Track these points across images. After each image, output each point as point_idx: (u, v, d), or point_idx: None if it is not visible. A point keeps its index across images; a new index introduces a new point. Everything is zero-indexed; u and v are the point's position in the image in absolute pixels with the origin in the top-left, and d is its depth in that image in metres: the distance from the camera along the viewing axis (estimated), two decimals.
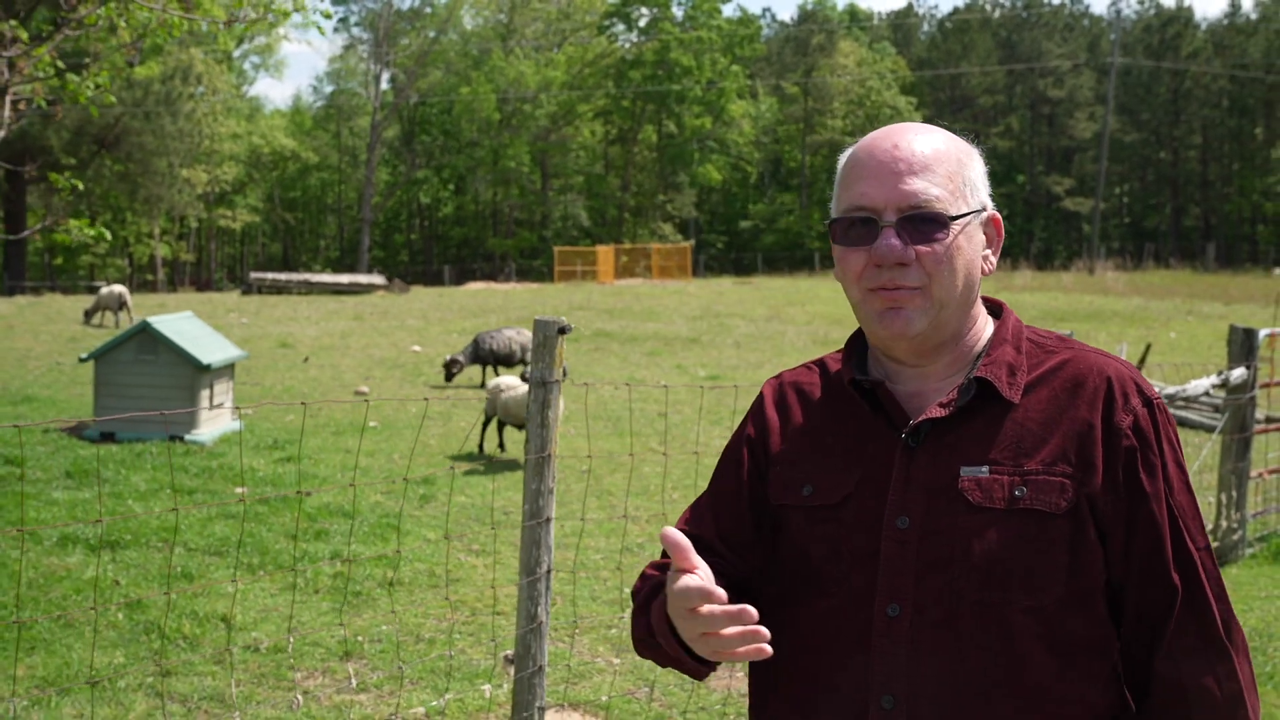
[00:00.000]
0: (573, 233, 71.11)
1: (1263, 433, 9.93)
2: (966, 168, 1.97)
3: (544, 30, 77.34)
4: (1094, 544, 1.84)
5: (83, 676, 5.87)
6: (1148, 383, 1.93)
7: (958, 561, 1.83)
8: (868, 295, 1.92)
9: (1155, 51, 77.10)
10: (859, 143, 2.00)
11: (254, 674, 6.06)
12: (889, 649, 1.85)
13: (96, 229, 11.65)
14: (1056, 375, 1.94)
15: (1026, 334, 2.03)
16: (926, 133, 1.96)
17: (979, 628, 1.82)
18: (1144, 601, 1.87)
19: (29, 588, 7.13)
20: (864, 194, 1.91)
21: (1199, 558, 1.88)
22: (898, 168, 1.90)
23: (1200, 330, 27.14)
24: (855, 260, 1.93)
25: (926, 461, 1.90)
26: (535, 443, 4.81)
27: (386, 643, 6.58)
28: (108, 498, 9.47)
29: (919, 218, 1.88)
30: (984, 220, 1.98)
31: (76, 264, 70.94)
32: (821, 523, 1.95)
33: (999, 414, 1.91)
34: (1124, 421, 1.87)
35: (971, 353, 1.99)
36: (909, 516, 1.88)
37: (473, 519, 9.58)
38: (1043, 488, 1.84)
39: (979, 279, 1.97)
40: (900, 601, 1.85)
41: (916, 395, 1.97)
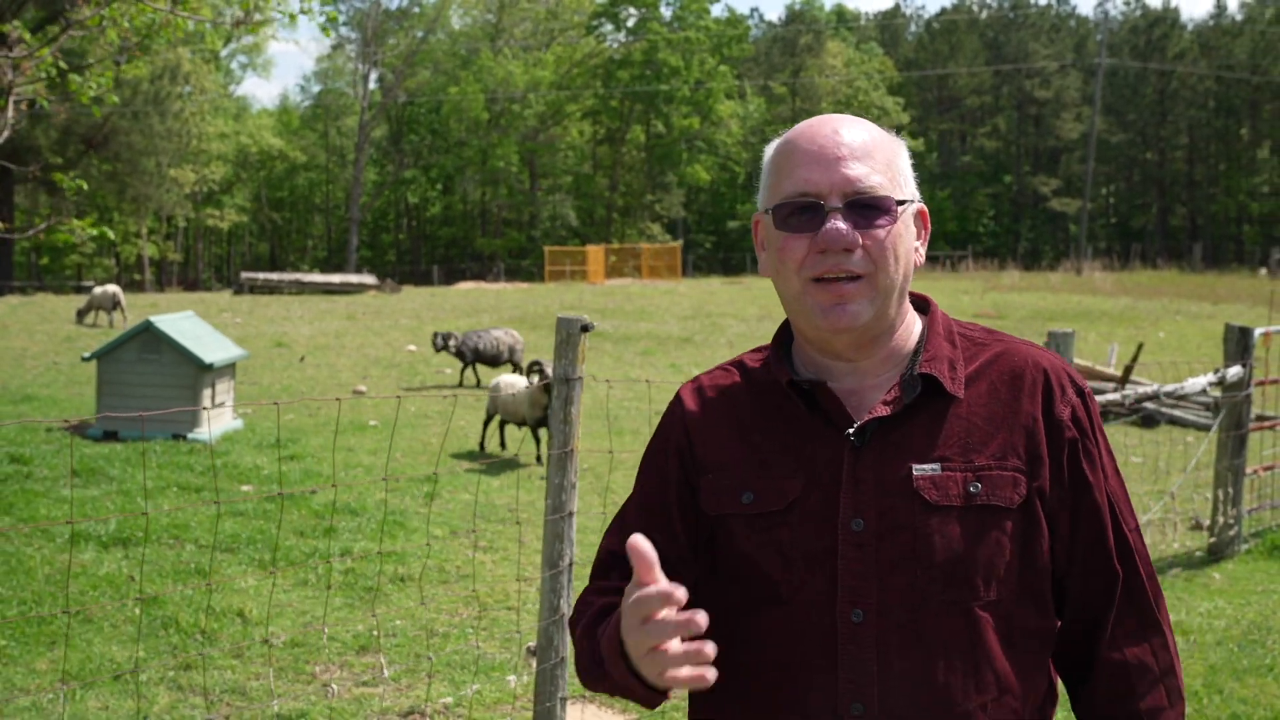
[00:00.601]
0: (561, 233, 71.17)
1: (1257, 430, 10.06)
2: (899, 157, 1.94)
3: (532, 30, 77.38)
4: (1043, 536, 1.86)
5: (105, 670, 5.95)
6: (1078, 373, 1.96)
7: (920, 561, 1.81)
8: (810, 286, 1.87)
9: (1142, 52, 77.43)
10: (791, 132, 1.96)
11: (274, 668, 6.15)
12: (856, 655, 1.82)
13: (100, 228, 11.70)
14: (992, 367, 1.93)
15: (956, 328, 2.02)
16: (859, 123, 1.93)
17: (943, 626, 1.82)
18: (1087, 589, 1.90)
19: (46, 584, 7.20)
20: (806, 179, 1.86)
21: (1133, 540, 1.92)
22: (840, 153, 1.86)
23: (1189, 330, 27.30)
24: (797, 248, 1.87)
25: (874, 461, 1.86)
26: (558, 438, 4.91)
27: (402, 637, 6.68)
28: (116, 495, 9.55)
29: (864, 203, 1.84)
30: (914, 212, 1.96)
31: (63, 264, 70.85)
32: (766, 530, 1.89)
33: (943, 409, 1.90)
34: (1064, 413, 1.89)
35: (905, 348, 1.96)
36: (863, 518, 1.84)
37: (478, 516, 9.67)
38: (997, 483, 1.84)
39: (912, 270, 1.94)
40: (864, 606, 1.82)
41: (854, 393, 1.93)
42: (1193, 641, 6.73)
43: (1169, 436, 14.12)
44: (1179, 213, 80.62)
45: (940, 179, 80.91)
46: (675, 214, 74.83)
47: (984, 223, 79.77)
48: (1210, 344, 24.23)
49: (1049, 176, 79.69)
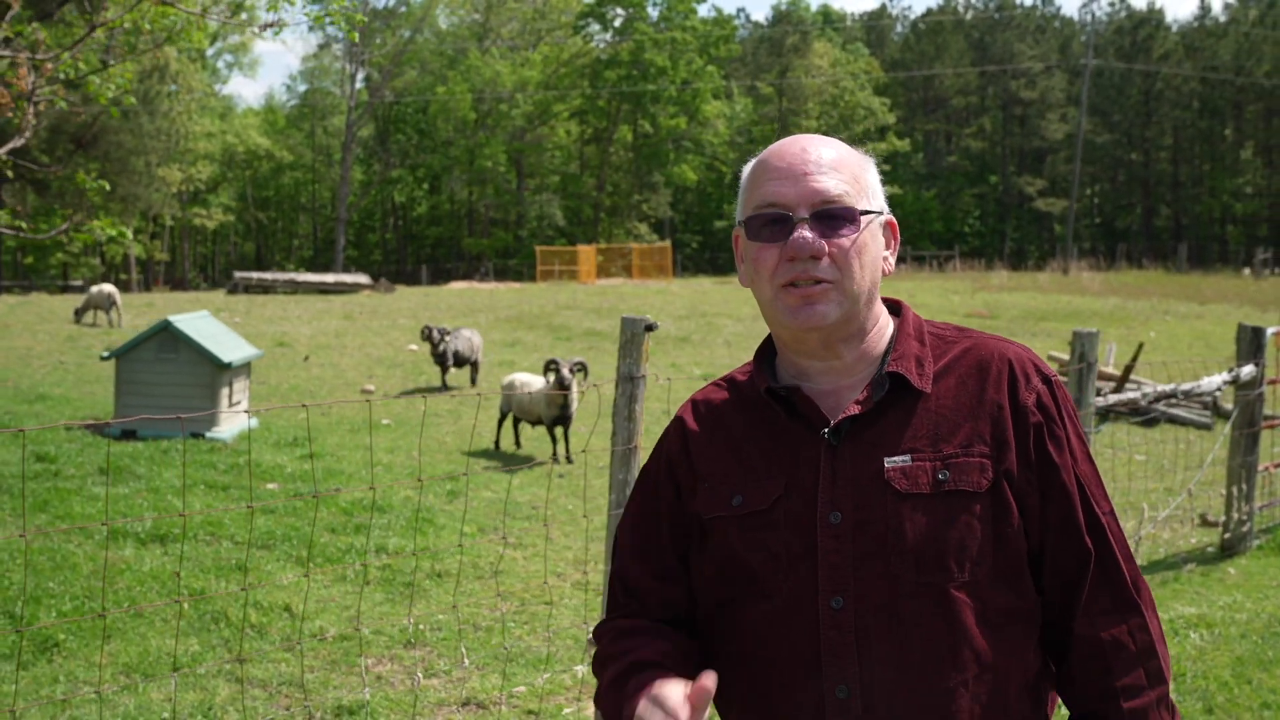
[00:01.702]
0: (548, 232, 71.18)
1: (1267, 428, 10.24)
2: (866, 173, 2.06)
3: (519, 30, 77.35)
4: (1015, 518, 1.94)
5: (163, 663, 6.07)
6: (1044, 363, 2.05)
7: (891, 547, 1.91)
8: (780, 292, 1.99)
9: (1127, 53, 77.82)
10: (765, 151, 2.08)
11: (325, 661, 6.28)
12: (837, 640, 1.91)
13: (119, 228, 11.80)
14: (960, 362, 2.04)
15: (926, 328, 2.12)
16: (829, 141, 2.06)
17: (919, 608, 1.90)
18: (1060, 566, 1.97)
19: (91, 579, 7.32)
20: (776, 192, 1.99)
21: (1105, 521, 1.99)
22: (807, 168, 1.99)
23: (1179, 329, 27.50)
24: (768, 257, 1.99)
25: (849, 457, 1.97)
26: (622, 435, 5.05)
27: (446, 631, 6.81)
28: (146, 493, 9.66)
29: (829, 213, 1.97)
30: (883, 223, 2.07)
31: (48, 263, 70.61)
32: (754, 529, 2.00)
33: (913, 404, 2.00)
34: (1029, 399, 1.98)
35: (877, 349, 2.07)
36: (840, 511, 1.94)
37: (503, 514, 9.80)
38: (963, 469, 1.93)
39: (880, 277, 2.07)
40: (842, 593, 1.91)
41: (830, 394, 2.04)
42: (1217, 634, 6.89)
43: (1170, 435, 14.30)
44: (1163, 213, 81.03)
45: (926, 179, 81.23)
46: (662, 214, 74.93)
47: (970, 223, 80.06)
48: (1200, 344, 24.46)
49: (1034, 177, 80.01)
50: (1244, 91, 74.69)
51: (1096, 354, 7.50)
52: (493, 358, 21.05)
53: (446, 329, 16.94)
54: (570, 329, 25.98)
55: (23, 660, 6.02)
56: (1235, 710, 5.75)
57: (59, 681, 5.80)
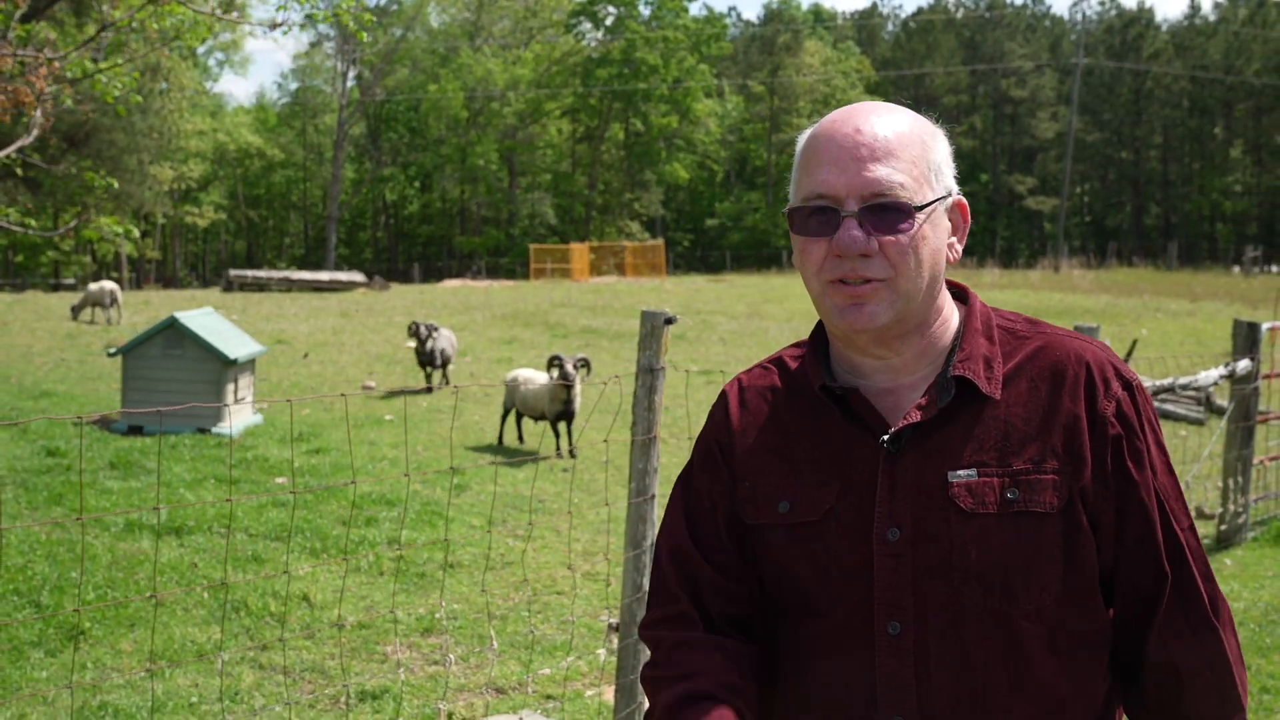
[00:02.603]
0: (540, 231, 71.32)
1: (1261, 422, 10.40)
2: (931, 151, 1.86)
3: (511, 28, 77.46)
4: (1087, 537, 1.80)
5: (187, 651, 6.20)
6: (1125, 365, 1.88)
7: (955, 569, 1.77)
8: (829, 288, 1.82)
9: (1117, 52, 78.15)
10: (819, 124, 1.87)
11: (346, 648, 6.41)
12: (894, 667, 1.79)
13: (126, 226, 11.93)
14: (1033, 363, 1.86)
15: (995, 320, 1.94)
16: (890, 114, 1.85)
17: (982, 635, 1.77)
18: (1135, 588, 1.84)
19: (111, 570, 7.44)
20: (824, 181, 1.80)
21: (1185, 539, 1.84)
22: (859, 153, 1.79)
23: (1170, 327, 27.66)
24: (815, 251, 1.82)
25: (910, 467, 1.82)
26: (641, 425, 5.19)
27: (463, 620, 6.94)
28: (160, 486, 9.78)
29: (882, 207, 1.77)
30: (949, 206, 1.88)
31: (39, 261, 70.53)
32: (804, 541, 1.86)
33: (980, 411, 1.83)
34: (1108, 409, 1.81)
35: (940, 343, 1.90)
36: (899, 527, 1.80)
37: (509, 507, 9.93)
38: (1034, 487, 1.78)
39: (944, 268, 1.87)
40: (900, 618, 1.79)
41: (889, 394, 1.89)
42: None
43: (1167, 430, 14.43)
44: (1153, 211, 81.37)
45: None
46: (654, 212, 75.12)
47: None
48: (1192, 340, 24.62)
49: (1024, 175, 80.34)
50: (1233, 90, 75.01)
51: None
52: (491, 355, 21.20)
53: (434, 325, 16.72)
54: (566, 326, 26.13)
55: (51, 647, 6.15)
56: None
57: (87, 668, 5.93)
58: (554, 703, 5.73)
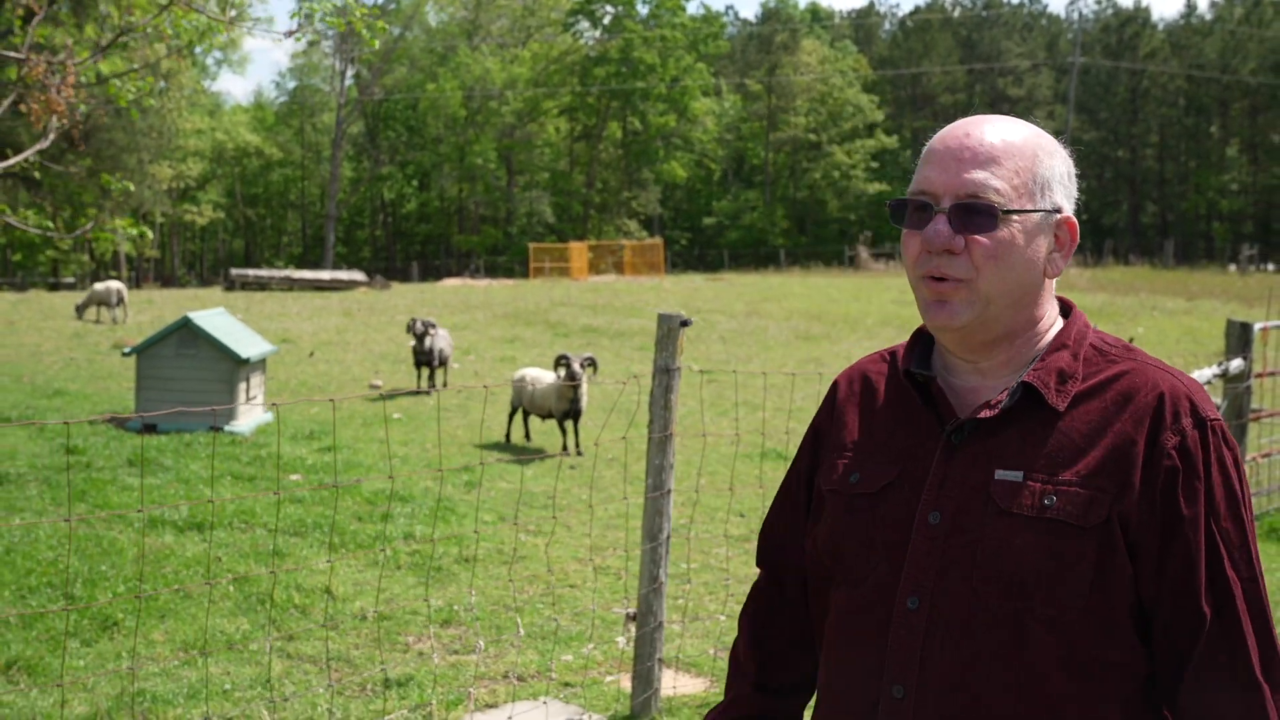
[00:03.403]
0: (538, 229, 71.50)
1: (1254, 420, 10.63)
2: (1041, 164, 1.93)
3: (509, 27, 77.59)
4: (1123, 563, 1.81)
5: (216, 641, 6.43)
6: (1208, 401, 1.88)
7: (979, 563, 1.83)
8: (919, 282, 1.92)
9: (1113, 51, 78.42)
10: (944, 129, 1.99)
11: (368, 639, 6.65)
12: (904, 639, 1.87)
13: (140, 227, 12.11)
14: (1111, 387, 1.89)
15: (1091, 339, 1.97)
16: (1007, 124, 1.94)
17: (993, 631, 1.82)
18: (1171, 628, 1.83)
19: (137, 564, 7.67)
20: (927, 178, 1.91)
21: (1240, 588, 1.81)
22: (963, 155, 1.89)
23: (1167, 325, 27.87)
24: (913, 244, 1.92)
25: (965, 461, 1.90)
26: (659, 423, 5.43)
27: (480, 611, 7.17)
28: (177, 484, 10.01)
29: (970, 207, 1.86)
30: (1055, 222, 1.94)
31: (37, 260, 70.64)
32: (857, 511, 1.98)
33: (1044, 420, 1.88)
34: (1169, 442, 1.82)
35: (1029, 354, 1.95)
36: (941, 513, 1.88)
37: (520, 503, 10.16)
38: (1073, 499, 1.81)
39: (1040, 281, 1.93)
40: (919, 595, 1.87)
41: (970, 392, 1.96)
42: None
43: None
44: (1150, 210, 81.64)
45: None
46: (652, 211, 75.35)
47: None
48: (1188, 339, 24.84)
49: None
50: (1229, 89, 75.30)
51: None
52: (494, 354, 21.43)
53: (431, 322, 16.67)
54: (567, 325, 26.36)
55: (86, 637, 6.38)
56: None
57: (122, 657, 6.16)
58: (573, 690, 5.96)
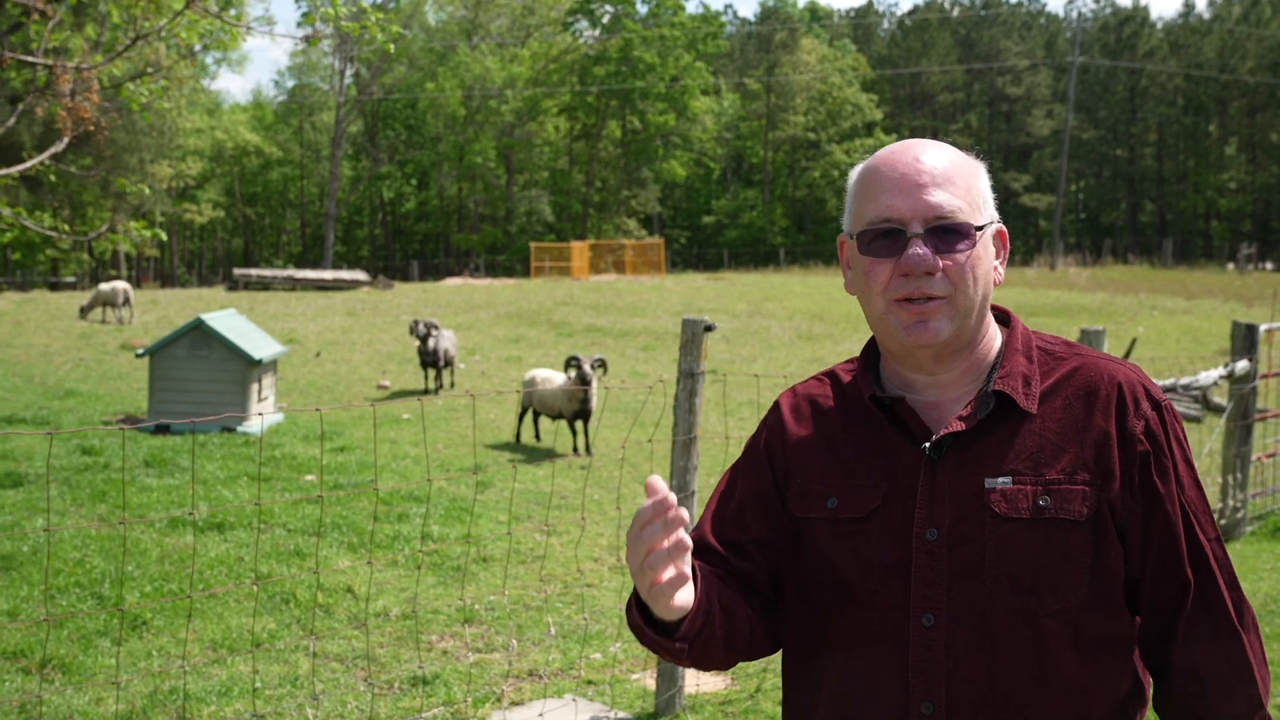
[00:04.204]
0: (537, 228, 71.61)
1: (1260, 420, 10.76)
2: (979, 181, 2.03)
3: (509, 26, 77.64)
4: (1114, 546, 1.92)
5: (243, 640, 6.54)
6: (1155, 385, 2.00)
7: (988, 570, 1.89)
8: (893, 306, 1.95)
9: (1112, 50, 78.58)
10: (875, 157, 2.03)
11: (391, 637, 6.75)
12: (927, 657, 1.91)
13: (153, 230, 12.21)
14: (1069, 383, 1.99)
15: (1035, 341, 2.07)
16: (940, 148, 2.01)
17: (1010, 632, 1.89)
18: (1160, 595, 1.95)
19: (161, 564, 7.77)
20: (890, 206, 1.94)
21: (1210, 549, 1.95)
22: (922, 180, 1.94)
23: (1167, 325, 27.97)
24: (881, 271, 1.95)
25: (950, 474, 1.95)
26: (683, 426, 5.53)
27: (500, 610, 7.28)
28: (196, 484, 10.11)
29: (944, 229, 1.93)
30: (993, 232, 2.03)
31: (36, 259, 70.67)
32: (848, 536, 1.99)
33: (1017, 424, 1.96)
34: (1137, 427, 1.93)
35: (984, 363, 2.03)
36: (937, 528, 1.92)
37: (532, 503, 10.28)
38: (1065, 496, 1.89)
39: (992, 289, 2.02)
40: (934, 611, 1.91)
41: (934, 407, 2.02)
42: None
43: None
44: (1148, 209, 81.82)
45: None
46: (651, 210, 75.46)
47: None
48: (1188, 338, 24.96)
49: (1020, 172, 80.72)
50: (1228, 88, 75.48)
51: (1102, 351, 8.00)
52: (499, 354, 21.54)
53: (434, 323, 16.71)
54: (571, 325, 26.45)
55: (116, 636, 6.48)
56: None
57: (152, 656, 6.27)
58: (596, 687, 6.07)
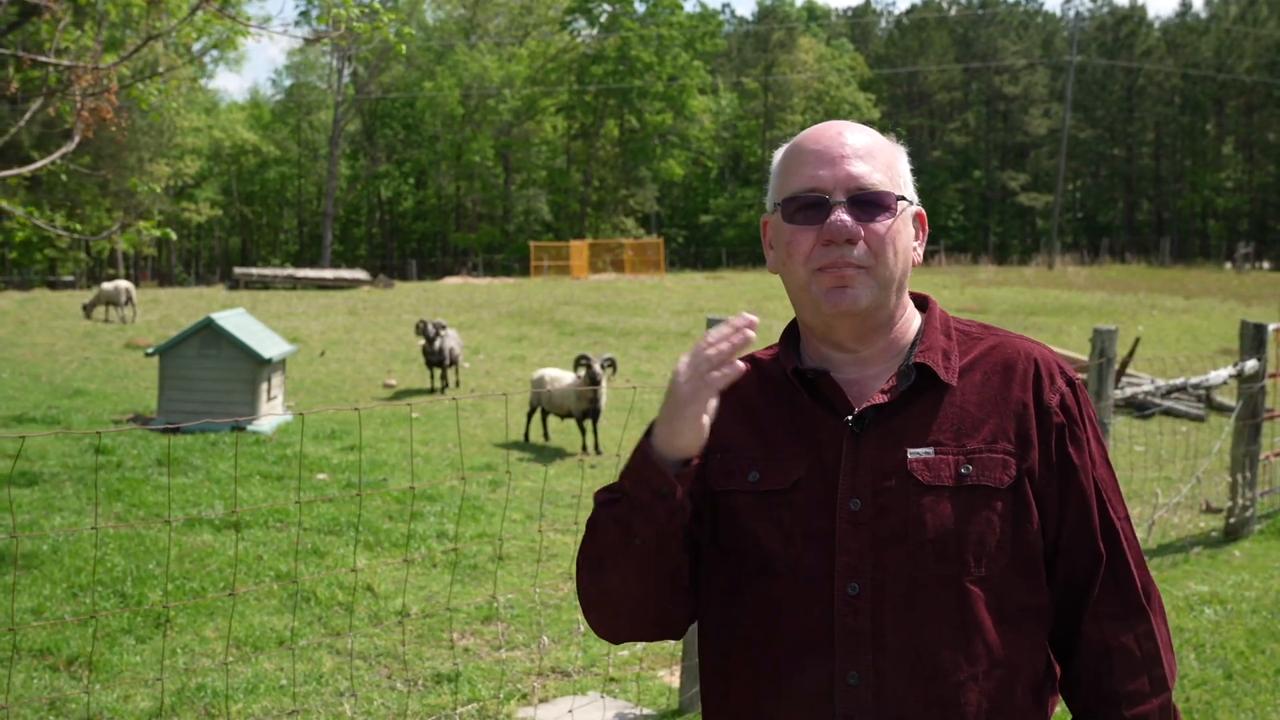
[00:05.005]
0: (535, 227, 71.67)
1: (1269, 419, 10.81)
2: (900, 161, 2.08)
3: (507, 25, 77.71)
4: (1034, 515, 1.95)
5: (266, 638, 6.58)
6: (1068, 365, 2.07)
7: (911, 537, 1.91)
8: (815, 275, 1.98)
9: (1109, 50, 78.69)
10: (798, 136, 2.09)
11: (413, 635, 6.80)
12: (853, 626, 1.91)
13: (163, 230, 12.24)
14: (986, 359, 2.04)
15: (953, 324, 2.13)
16: (863, 128, 2.07)
17: (935, 599, 1.91)
18: (1072, 568, 1.99)
19: (184, 562, 7.82)
20: (814, 176, 1.99)
21: (1120, 527, 2.01)
22: (844, 151, 1.99)
23: (1166, 324, 27.99)
24: (804, 240, 1.99)
25: (873, 445, 1.97)
26: None
27: (519, 609, 7.33)
28: (208, 483, 10.16)
29: (865, 199, 1.97)
30: (913, 214, 2.08)
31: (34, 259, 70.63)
32: (771, 508, 1.99)
33: (938, 397, 2.00)
34: (1052, 400, 1.99)
35: (904, 341, 2.07)
36: (860, 498, 1.94)
37: (545, 501, 10.32)
38: (987, 464, 1.94)
39: (910, 268, 2.06)
40: (860, 580, 1.92)
41: (855, 383, 2.03)
42: (1230, 610, 7.44)
43: (1166, 427, 14.86)
44: (1145, 208, 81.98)
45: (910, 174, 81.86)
46: (649, 209, 75.53)
47: (954, 217, 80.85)
48: (1188, 338, 25.02)
49: (1017, 172, 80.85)
50: (1225, 88, 75.62)
51: (1115, 350, 8.08)
52: (503, 353, 21.57)
53: (442, 323, 16.71)
54: (573, 324, 26.50)
55: (140, 634, 6.53)
56: (1253, 676, 6.30)
57: (177, 653, 6.31)
58: (618, 685, 6.12)
